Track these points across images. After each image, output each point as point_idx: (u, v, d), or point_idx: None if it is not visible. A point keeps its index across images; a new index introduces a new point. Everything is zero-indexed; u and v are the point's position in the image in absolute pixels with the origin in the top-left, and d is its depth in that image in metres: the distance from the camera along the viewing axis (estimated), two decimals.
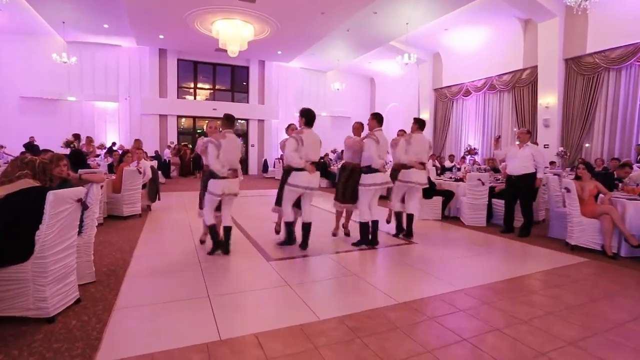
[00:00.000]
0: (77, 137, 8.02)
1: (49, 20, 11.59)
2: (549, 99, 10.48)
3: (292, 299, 2.80)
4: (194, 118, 16.01)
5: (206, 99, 16.33)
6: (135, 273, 3.28)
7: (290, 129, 4.56)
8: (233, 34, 11.07)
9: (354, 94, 19.53)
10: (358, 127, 4.70)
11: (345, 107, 19.40)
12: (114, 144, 12.91)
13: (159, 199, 6.75)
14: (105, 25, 12.02)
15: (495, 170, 7.86)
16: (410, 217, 4.88)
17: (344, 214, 4.80)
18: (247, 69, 16.70)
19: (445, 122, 14.95)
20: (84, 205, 2.50)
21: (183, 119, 16.06)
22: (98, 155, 11.58)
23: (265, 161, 16.42)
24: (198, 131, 16.49)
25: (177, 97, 15.29)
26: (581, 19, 9.72)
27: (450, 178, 7.14)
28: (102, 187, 3.10)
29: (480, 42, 12.59)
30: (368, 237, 4.30)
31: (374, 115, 4.49)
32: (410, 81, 16.65)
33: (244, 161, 17.42)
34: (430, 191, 6.29)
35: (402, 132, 5.48)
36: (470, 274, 3.53)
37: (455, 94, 14.24)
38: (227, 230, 3.92)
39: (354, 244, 4.34)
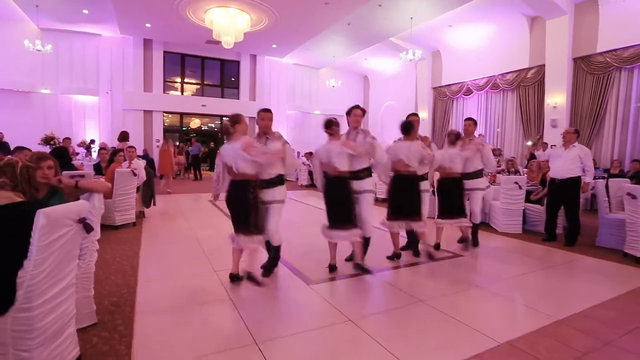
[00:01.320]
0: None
1: (21, 3, 10.40)
2: (557, 99, 10.21)
3: (366, 343, 2.15)
4: (181, 114, 15.00)
5: (192, 94, 15.32)
6: (147, 308, 2.54)
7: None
8: (228, 24, 10.24)
9: (347, 92, 18.97)
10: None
11: (339, 105, 18.77)
12: (92, 141, 11.78)
13: (154, 204, 5.93)
14: (85, 11, 10.91)
15: (517, 172, 7.44)
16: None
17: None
18: (237, 63, 15.82)
19: (445, 122, 14.58)
20: (87, 227, 1.76)
21: (169, 116, 14.99)
22: (77, 154, 10.55)
23: None
24: (183, 128, 15.47)
25: (163, 92, 14.25)
26: (592, 17, 9.48)
27: None
28: (104, 197, 2.35)
29: (484, 40, 12.25)
30: (277, 260, 3.33)
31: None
32: (406, 79, 16.22)
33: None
34: None
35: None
36: (552, 296, 2.98)
37: (456, 92, 13.89)
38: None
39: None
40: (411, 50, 11.83)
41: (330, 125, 3.24)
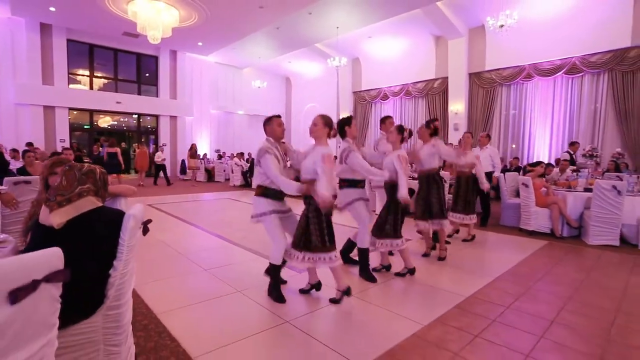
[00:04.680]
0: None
1: None
2: (457, 107, 12.22)
3: (374, 310, 2.65)
4: (91, 111, 13.38)
5: (99, 89, 13.70)
6: (163, 309, 2.60)
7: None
8: (154, 17, 9.64)
9: (270, 93, 19.23)
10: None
11: (262, 106, 18.92)
12: None
13: None
14: None
15: None
16: None
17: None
18: (156, 58, 14.78)
19: (365, 124, 15.97)
20: (145, 230, 1.88)
21: (73, 112, 13.16)
22: None
23: (183, 162, 14.82)
24: (85, 127, 13.74)
25: (68, 86, 12.52)
26: (481, 41, 11.61)
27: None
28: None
29: (398, 52, 13.86)
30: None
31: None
32: (327, 83, 17.21)
33: (153, 162, 15.41)
34: None
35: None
36: (486, 262, 3.92)
37: (374, 97, 15.35)
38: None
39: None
40: (337, 57, 12.74)
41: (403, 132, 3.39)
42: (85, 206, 1.57)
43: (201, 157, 14.94)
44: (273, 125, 2.94)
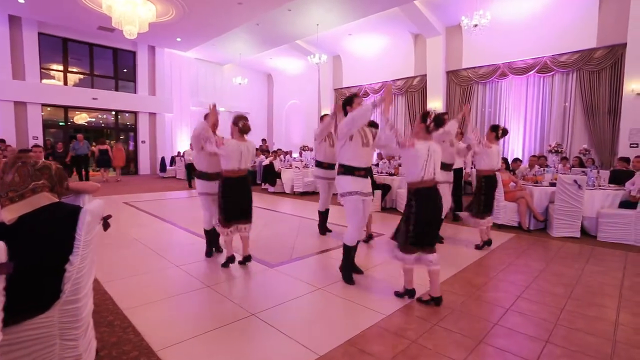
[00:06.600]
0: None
1: None
2: (436, 104, 12.45)
3: (336, 300, 2.73)
4: (66, 108, 12.98)
5: (74, 85, 13.28)
6: (130, 304, 2.61)
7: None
8: (130, 13, 9.42)
9: (251, 90, 19.10)
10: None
11: (243, 103, 18.81)
12: None
13: None
14: None
15: None
16: None
17: None
18: (133, 54, 14.44)
19: None
20: (105, 225, 1.89)
21: (46, 108, 12.76)
22: None
23: (163, 159, 14.58)
24: (60, 124, 13.32)
25: (40, 81, 12.11)
26: (458, 39, 11.86)
27: (381, 173, 7.88)
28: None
29: (378, 49, 14.00)
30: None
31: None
32: (309, 80, 17.24)
33: (134, 159, 15.13)
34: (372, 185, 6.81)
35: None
36: (456, 256, 4.06)
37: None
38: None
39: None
40: (317, 54, 12.76)
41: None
42: (39, 202, 1.57)
43: (181, 154, 14.73)
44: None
